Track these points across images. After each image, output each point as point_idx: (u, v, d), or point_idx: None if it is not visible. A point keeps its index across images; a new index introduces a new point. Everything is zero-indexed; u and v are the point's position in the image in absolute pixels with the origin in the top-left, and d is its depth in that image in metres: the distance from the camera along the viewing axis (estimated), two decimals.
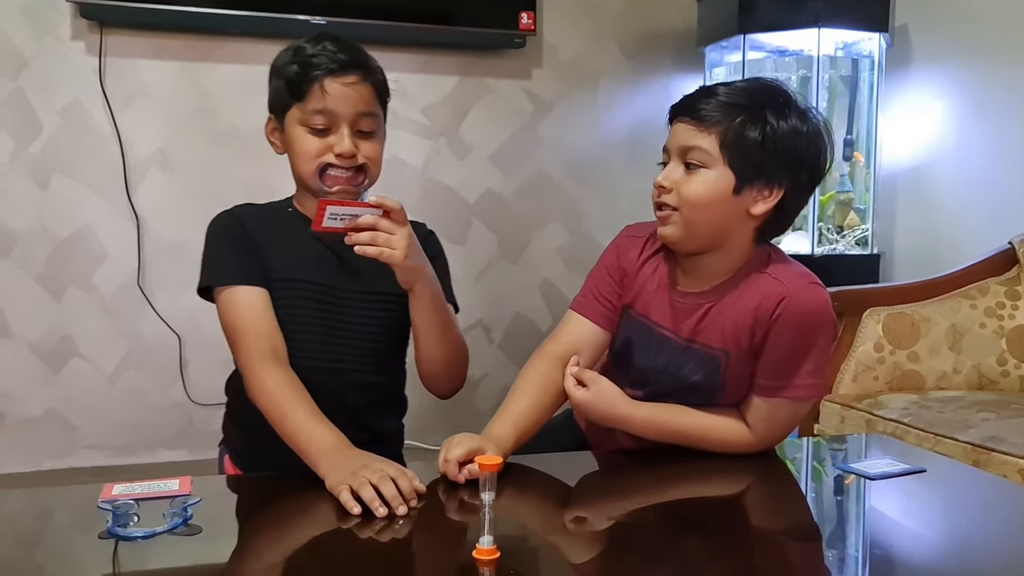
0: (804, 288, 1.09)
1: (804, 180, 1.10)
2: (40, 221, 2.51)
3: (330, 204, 1.04)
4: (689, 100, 1.10)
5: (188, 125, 2.59)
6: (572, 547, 0.90)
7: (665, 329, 1.17)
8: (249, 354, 1.13)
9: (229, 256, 1.19)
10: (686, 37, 2.93)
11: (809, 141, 1.08)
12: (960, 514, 1.04)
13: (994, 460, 1.54)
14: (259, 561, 0.85)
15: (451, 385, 1.27)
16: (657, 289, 1.18)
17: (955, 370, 2.03)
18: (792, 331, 1.08)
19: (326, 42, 1.18)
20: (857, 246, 2.60)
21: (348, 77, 1.16)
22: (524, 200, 2.93)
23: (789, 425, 1.17)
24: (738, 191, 1.07)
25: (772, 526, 0.99)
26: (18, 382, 2.53)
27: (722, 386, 1.15)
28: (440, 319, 1.19)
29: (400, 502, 0.91)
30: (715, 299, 1.13)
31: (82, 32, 2.48)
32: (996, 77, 2.42)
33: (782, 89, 1.11)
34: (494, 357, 2.93)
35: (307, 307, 1.20)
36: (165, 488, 0.96)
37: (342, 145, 1.16)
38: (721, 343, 1.13)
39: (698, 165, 1.08)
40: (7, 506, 1.00)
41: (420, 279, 1.12)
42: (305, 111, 1.16)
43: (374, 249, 1.05)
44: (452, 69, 2.81)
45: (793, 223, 1.18)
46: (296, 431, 1.05)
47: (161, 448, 2.65)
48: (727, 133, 1.06)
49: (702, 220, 1.09)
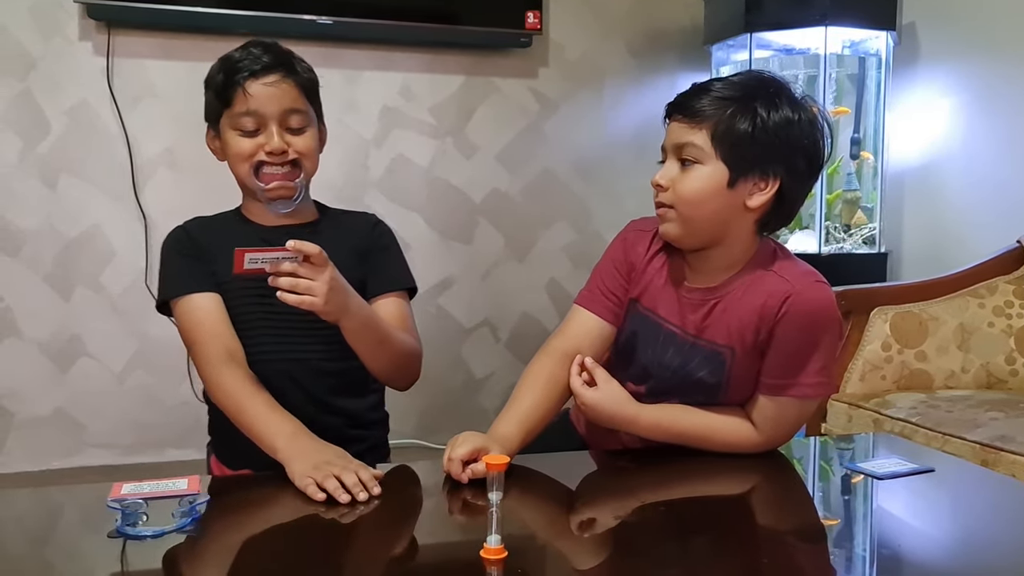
0: (810, 286, 1.09)
1: (802, 169, 1.09)
2: (48, 221, 2.52)
3: (248, 252, 1.03)
4: (682, 98, 1.10)
5: (195, 125, 2.57)
6: (579, 547, 0.90)
7: (672, 324, 1.16)
8: (206, 356, 1.18)
9: (180, 268, 1.25)
10: (693, 36, 2.93)
11: (803, 129, 1.07)
12: (968, 514, 1.03)
13: (1003, 460, 1.53)
14: (267, 559, 0.85)
15: (403, 383, 1.29)
16: (665, 284, 1.18)
17: (963, 369, 2.02)
18: (798, 329, 1.08)
19: (252, 48, 1.23)
20: (864, 245, 2.59)
21: (269, 77, 1.21)
22: (530, 199, 2.92)
23: (796, 424, 1.16)
24: (732, 184, 1.07)
25: (778, 526, 0.99)
26: (27, 381, 2.54)
27: (727, 383, 1.15)
28: (373, 339, 1.19)
29: (360, 489, 0.96)
30: (721, 295, 1.13)
31: (90, 32, 2.49)
32: (1004, 75, 2.41)
33: (774, 80, 1.10)
34: (500, 356, 2.93)
35: (256, 304, 1.23)
36: (173, 487, 0.97)
37: (271, 143, 1.21)
38: (727, 339, 1.13)
39: (692, 161, 1.08)
40: (17, 505, 1.01)
41: (344, 315, 1.12)
42: (233, 115, 1.22)
43: (294, 297, 1.05)
44: (458, 68, 2.81)
45: (798, 214, 1.17)
46: (253, 421, 1.11)
47: (169, 447, 2.66)
48: (717, 127, 1.06)
49: (699, 216, 1.09)
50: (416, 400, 1.40)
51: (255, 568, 0.83)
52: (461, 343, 2.87)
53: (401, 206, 2.73)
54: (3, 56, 2.44)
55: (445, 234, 2.81)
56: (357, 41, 2.64)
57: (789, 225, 1.21)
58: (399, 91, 2.75)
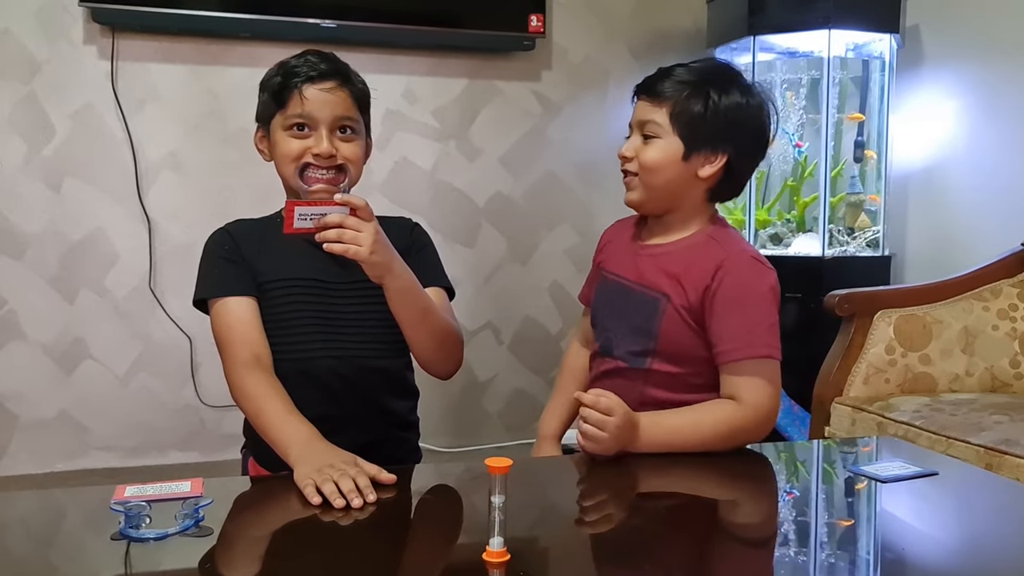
0: (743, 254, 1.23)
1: (748, 147, 1.25)
2: (53, 224, 2.52)
3: (297, 205, 1.09)
4: (647, 80, 1.26)
5: (199, 128, 2.60)
6: (582, 549, 0.90)
7: (620, 276, 1.31)
8: (233, 360, 1.20)
9: (219, 270, 1.27)
10: (696, 39, 2.93)
11: (751, 112, 1.23)
12: (973, 517, 1.03)
13: (1007, 463, 1.53)
14: (271, 562, 0.85)
15: (446, 367, 1.32)
16: (624, 246, 1.35)
17: (967, 372, 2.02)
18: (733, 291, 1.19)
19: (309, 55, 1.28)
20: (868, 248, 2.59)
21: (326, 83, 1.25)
22: (533, 202, 2.93)
23: (770, 385, 1.17)
24: (687, 157, 1.22)
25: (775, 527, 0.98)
26: (31, 384, 2.54)
27: (659, 331, 1.23)
28: (417, 307, 1.21)
29: (356, 495, 0.96)
30: (668, 250, 1.27)
31: (94, 36, 2.50)
32: (1008, 78, 2.40)
33: (729, 68, 1.27)
34: (504, 359, 2.93)
35: (303, 302, 1.26)
36: (177, 490, 0.97)
37: (320, 146, 1.23)
38: (662, 286, 1.24)
39: (653, 136, 1.23)
40: (20, 507, 1.01)
41: (387, 273, 1.15)
42: (286, 116, 1.25)
43: (340, 246, 1.10)
44: (461, 71, 2.82)
45: (745, 185, 1.31)
46: (269, 424, 1.13)
47: (173, 450, 2.66)
48: (675, 106, 1.22)
49: (658, 183, 1.24)
50: (418, 406, 1.41)
51: (256, 569, 0.83)
52: (464, 346, 2.87)
53: (404, 209, 2.72)
54: (8, 60, 2.45)
55: (448, 237, 2.81)
56: (360, 44, 2.64)
57: (736, 198, 1.36)
58: (402, 94, 2.76)
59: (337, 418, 1.20)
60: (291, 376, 1.22)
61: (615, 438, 1.09)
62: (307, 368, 1.24)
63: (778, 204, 2.67)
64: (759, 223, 2.63)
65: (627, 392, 1.17)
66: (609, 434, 1.08)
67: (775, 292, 1.21)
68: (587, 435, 1.09)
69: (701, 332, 1.22)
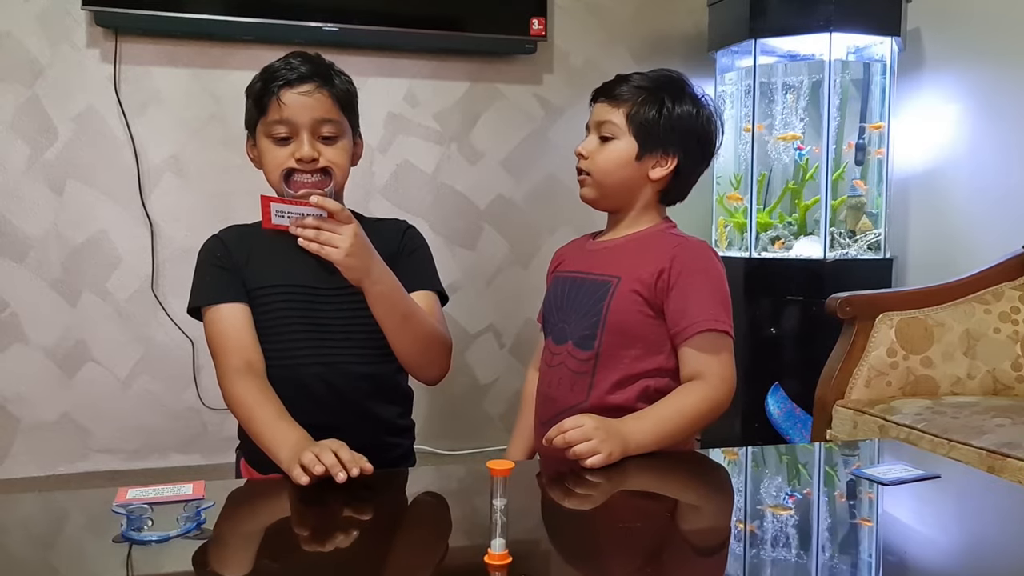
0: (695, 239, 1.30)
1: (696, 153, 1.32)
2: (55, 227, 2.53)
3: (272, 201, 1.12)
4: (607, 85, 1.34)
5: (201, 131, 2.61)
6: (584, 551, 0.90)
7: (572, 271, 1.36)
8: (225, 367, 1.22)
9: (211, 277, 1.28)
10: (697, 42, 2.93)
11: (701, 120, 1.31)
12: (974, 520, 1.03)
13: (1009, 466, 1.53)
14: (272, 565, 0.85)
15: (431, 373, 1.30)
16: (576, 252, 1.41)
17: (969, 375, 2.02)
18: (691, 268, 1.24)
19: (291, 58, 1.26)
20: (869, 251, 2.59)
21: (304, 87, 1.23)
22: (535, 205, 2.93)
23: (730, 357, 1.24)
24: (640, 158, 1.29)
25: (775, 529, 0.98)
26: (33, 386, 2.55)
27: (607, 309, 1.26)
28: (398, 312, 1.22)
29: (339, 469, 0.97)
30: (620, 244, 1.33)
31: (97, 40, 2.51)
32: (1009, 81, 2.41)
33: (682, 79, 1.34)
34: (505, 362, 2.93)
35: (291, 309, 1.26)
36: (179, 492, 0.97)
37: (301, 150, 1.23)
38: (614, 271, 1.29)
39: (609, 137, 1.30)
40: (22, 510, 1.02)
41: (365, 277, 1.16)
42: (267, 123, 1.25)
43: (315, 245, 1.12)
44: (463, 75, 2.82)
45: (690, 189, 1.37)
46: (261, 429, 1.14)
47: (174, 452, 2.66)
48: (632, 109, 1.29)
49: (611, 182, 1.31)
50: (420, 406, 1.41)
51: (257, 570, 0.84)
52: (465, 349, 2.87)
53: (406, 212, 2.73)
54: (11, 63, 2.45)
55: (450, 240, 2.82)
56: (362, 48, 2.65)
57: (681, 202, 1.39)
58: (404, 97, 2.76)
59: (326, 425, 1.17)
60: (280, 383, 1.22)
61: (604, 431, 1.10)
62: (295, 375, 1.24)
63: (779, 207, 2.67)
64: (760, 226, 2.63)
65: (575, 382, 1.25)
66: (595, 437, 1.08)
67: (725, 276, 1.28)
68: (582, 452, 1.08)
69: (651, 313, 1.25)
